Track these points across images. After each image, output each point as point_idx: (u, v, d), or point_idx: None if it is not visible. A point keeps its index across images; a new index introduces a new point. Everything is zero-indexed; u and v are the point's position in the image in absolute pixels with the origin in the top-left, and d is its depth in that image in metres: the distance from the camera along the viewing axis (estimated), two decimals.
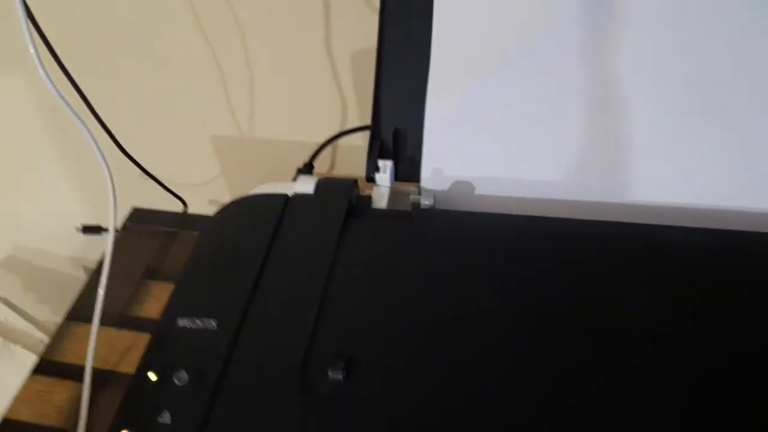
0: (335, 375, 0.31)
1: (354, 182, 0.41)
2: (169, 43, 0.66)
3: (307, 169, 0.47)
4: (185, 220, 0.61)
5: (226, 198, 0.43)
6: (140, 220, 0.60)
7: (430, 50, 0.41)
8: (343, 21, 0.60)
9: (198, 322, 0.34)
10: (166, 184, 0.60)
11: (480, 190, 0.42)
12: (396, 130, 0.43)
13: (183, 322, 0.34)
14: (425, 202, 0.40)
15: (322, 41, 0.62)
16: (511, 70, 0.40)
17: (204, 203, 0.63)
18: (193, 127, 0.72)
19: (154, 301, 0.54)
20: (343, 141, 0.57)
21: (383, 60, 0.43)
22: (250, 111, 0.70)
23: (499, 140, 0.41)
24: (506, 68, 0.40)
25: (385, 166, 0.42)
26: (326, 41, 0.62)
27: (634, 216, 0.38)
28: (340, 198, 0.39)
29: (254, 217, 0.39)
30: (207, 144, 0.73)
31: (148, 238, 0.58)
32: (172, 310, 0.35)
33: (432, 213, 0.40)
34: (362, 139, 0.48)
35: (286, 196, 0.40)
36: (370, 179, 0.42)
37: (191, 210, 0.63)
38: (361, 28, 0.58)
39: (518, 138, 0.40)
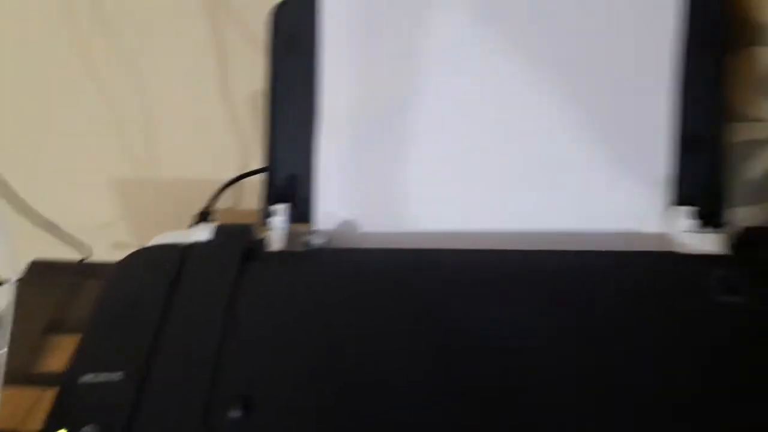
0: (234, 414, 0.33)
1: (249, 227, 0.43)
2: (63, 86, 0.66)
3: (204, 216, 0.48)
4: (88, 269, 0.61)
5: (131, 240, 0.44)
6: (40, 272, 0.60)
7: (320, 100, 0.44)
8: (239, 64, 0.62)
9: (102, 376, 0.35)
10: (68, 230, 0.60)
11: (370, 228, 0.44)
12: (289, 175, 0.45)
13: (87, 378, 0.35)
14: (318, 241, 0.43)
15: (218, 83, 0.63)
16: (393, 116, 0.43)
17: (108, 247, 0.63)
18: (93, 171, 0.72)
19: (59, 355, 0.54)
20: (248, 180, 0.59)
21: (275, 110, 0.45)
22: (151, 152, 0.71)
23: (384, 181, 0.44)
24: (389, 114, 0.44)
25: (280, 210, 0.44)
26: (223, 83, 0.64)
27: (506, 242, 0.42)
28: (236, 243, 0.41)
29: (153, 268, 0.40)
30: (107, 187, 0.73)
31: (49, 290, 0.58)
32: (76, 365, 0.35)
33: (324, 252, 0.42)
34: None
35: (183, 245, 0.42)
36: (266, 223, 0.44)
37: (96, 255, 0.63)
38: (258, 70, 0.61)
39: (401, 177, 0.44)
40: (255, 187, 0.57)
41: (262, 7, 0.47)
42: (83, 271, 0.60)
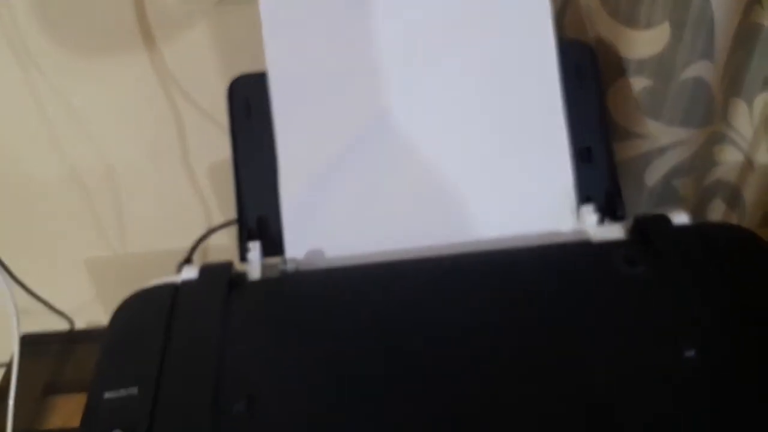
0: (239, 409, 0.40)
1: (230, 263, 0.50)
2: (30, 168, 0.72)
3: (187, 262, 0.55)
4: (75, 336, 0.65)
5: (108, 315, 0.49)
6: (32, 343, 0.64)
7: (278, 152, 0.52)
8: (197, 137, 0.70)
9: (121, 392, 0.41)
10: (53, 304, 0.65)
11: (333, 253, 0.52)
12: (259, 216, 0.53)
13: (109, 394, 0.41)
14: (289, 268, 0.50)
15: (179, 157, 0.71)
16: (339, 157, 0.52)
17: (89, 318, 0.68)
18: (67, 251, 0.77)
19: (58, 414, 0.58)
20: (212, 241, 0.65)
21: (239, 164, 0.53)
22: (120, 229, 0.77)
23: (340, 211, 0.52)
24: (336, 157, 0.52)
25: (254, 246, 0.51)
26: (184, 156, 0.71)
27: (449, 250, 0.50)
28: (221, 276, 0.48)
29: (152, 303, 0.47)
30: (84, 267, 0.78)
31: (42, 357, 0.63)
32: (97, 385, 0.41)
33: (296, 275, 0.50)
34: (227, 236, 0.57)
35: (175, 283, 0.48)
36: (244, 259, 0.52)
37: (79, 326, 0.68)
38: (214, 142, 0.68)
39: (353, 206, 0.52)
40: (219, 247, 0.64)
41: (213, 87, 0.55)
42: (71, 338, 0.65)
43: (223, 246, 0.63)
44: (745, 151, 0.64)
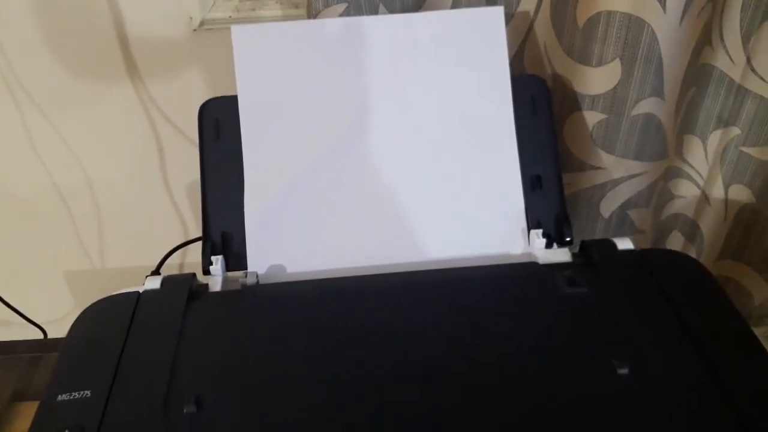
0: (189, 409, 0.41)
1: (193, 275, 0.52)
2: (12, 183, 0.74)
3: (155, 274, 0.57)
4: (46, 345, 0.67)
5: None
6: (2, 351, 0.66)
7: (244, 172, 0.55)
8: (176, 158, 0.73)
9: (74, 394, 0.42)
10: (27, 315, 0.67)
11: (294, 269, 0.54)
12: (223, 232, 0.55)
13: (62, 397, 0.42)
14: (250, 281, 0.52)
15: (159, 176, 0.74)
16: (302, 179, 0.55)
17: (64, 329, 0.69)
18: (46, 264, 0.79)
19: (23, 420, 0.60)
20: (189, 259, 0.68)
21: (207, 182, 0.56)
22: (100, 244, 0.79)
23: (301, 229, 0.55)
24: (299, 178, 0.55)
25: (217, 260, 0.54)
26: (163, 176, 0.74)
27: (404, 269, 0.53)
28: (182, 287, 0.51)
29: (113, 310, 0.49)
30: (61, 280, 0.80)
31: (11, 365, 0.64)
32: (51, 388, 0.43)
33: (256, 288, 0.52)
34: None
35: (138, 292, 0.51)
36: (207, 272, 0.54)
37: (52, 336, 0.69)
38: (193, 162, 0.71)
39: (314, 226, 0.55)
40: (196, 265, 0.66)
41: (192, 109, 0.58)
42: (42, 347, 0.67)
43: (198, 263, 0.65)
44: (701, 186, 0.67)
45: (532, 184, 0.57)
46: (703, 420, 0.40)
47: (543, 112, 0.58)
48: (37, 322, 0.70)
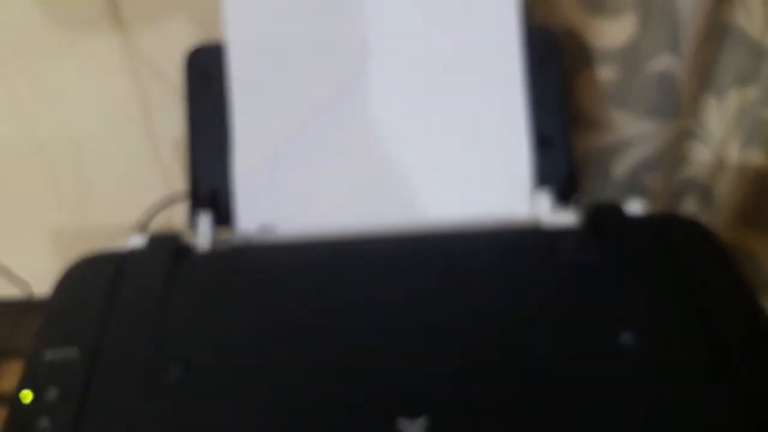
0: (176, 372, 0.40)
1: (178, 233, 0.50)
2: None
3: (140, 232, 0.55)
4: (29, 305, 0.65)
5: None
6: None
7: (232, 125, 0.52)
8: (163, 110, 0.70)
9: (61, 351, 0.41)
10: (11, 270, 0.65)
11: (285, 228, 0.52)
12: (211, 189, 0.52)
13: (48, 354, 0.41)
14: (239, 241, 0.50)
15: (144, 129, 0.71)
16: (294, 133, 0.52)
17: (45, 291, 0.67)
18: (29, 220, 0.76)
19: (6, 379, 0.58)
20: (177, 217, 0.65)
21: (194, 135, 0.53)
22: (84, 199, 0.76)
23: (292, 187, 0.52)
24: (291, 132, 0.52)
25: (204, 216, 0.51)
26: (149, 129, 0.71)
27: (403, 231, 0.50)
28: (167, 246, 0.48)
29: (97, 269, 0.47)
30: (44, 235, 0.78)
31: None
32: (38, 345, 0.42)
33: (245, 249, 0.49)
34: None
35: (122, 251, 0.48)
36: (194, 230, 0.51)
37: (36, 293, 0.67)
38: (180, 116, 0.68)
39: (306, 183, 0.52)
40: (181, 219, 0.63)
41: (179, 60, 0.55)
42: (27, 305, 0.65)
43: (185, 221, 0.63)
44: (715, 150, 0.64)
45: (539, 141, 0.53)
46: (705, 390, 0.39)
47: (553, 66, 0.54)
48: (21, 276, 0.67)
